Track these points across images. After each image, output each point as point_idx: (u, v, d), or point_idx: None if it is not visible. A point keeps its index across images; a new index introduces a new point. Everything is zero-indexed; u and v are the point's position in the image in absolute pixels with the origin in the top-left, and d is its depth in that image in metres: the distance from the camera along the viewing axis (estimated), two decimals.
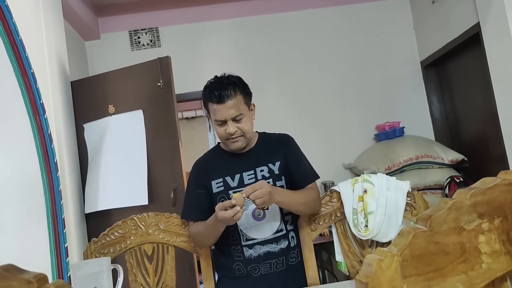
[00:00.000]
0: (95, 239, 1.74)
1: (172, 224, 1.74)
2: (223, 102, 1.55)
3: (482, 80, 3.19)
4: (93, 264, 1.39)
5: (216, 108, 1.57)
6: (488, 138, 3.34)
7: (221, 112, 1.56)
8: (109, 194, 2.64)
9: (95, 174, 2.72)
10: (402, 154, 3.45)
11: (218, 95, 1.56)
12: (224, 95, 1.55)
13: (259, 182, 1.47)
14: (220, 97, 1.55)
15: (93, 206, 2.68)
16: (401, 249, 0.55)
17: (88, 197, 2.70)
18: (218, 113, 1.57)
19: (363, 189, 1.63)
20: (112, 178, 2.67)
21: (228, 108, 1.56)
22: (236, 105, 1.57)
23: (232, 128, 1.57)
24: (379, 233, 1.59)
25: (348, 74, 4.04)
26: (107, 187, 2.66)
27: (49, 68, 2.38)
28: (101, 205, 2.64)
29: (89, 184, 2.72)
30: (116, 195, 2.63)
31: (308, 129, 3.89)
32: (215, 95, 1.56)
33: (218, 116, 1.58)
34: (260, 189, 1.42)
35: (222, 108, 1.56)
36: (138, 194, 2.57)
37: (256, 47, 4.01)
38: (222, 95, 1.55)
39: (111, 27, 3.93)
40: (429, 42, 3.85)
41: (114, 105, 2.78)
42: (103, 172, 2.70)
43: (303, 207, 1.60)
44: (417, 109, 4.03)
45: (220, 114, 1.57)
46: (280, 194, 1.52)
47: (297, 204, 1.57)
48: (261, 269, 1.60)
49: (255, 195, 1.40)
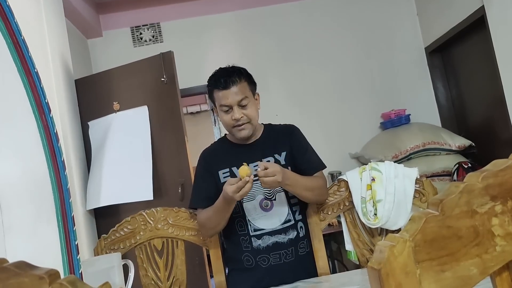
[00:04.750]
0: (105, 235, 1.74)
1: (181, 219, 1.74)
2: (229, 87, 1.58)
3: (488, 64, 3.15)
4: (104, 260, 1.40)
5: (222, 94, 1.60)
6: (495, 122, 3.31)
7: (227, 98, 1.59)
8: (113, 190, 2.62)
9: (98, 170, 2.70)
10: (409, 142, 3.43)
11: (224, 81, 1.59)
12: (229, 81, 1.59)
13: (272, 163, 1.51)
14: (225, 83, 1.58)
15: (95, 202, 2.65)
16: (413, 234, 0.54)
17: (90, 192, 2.68)
18: (224, 99, 1.59)
19: (371, 178, 1.62)
20: (116, 174, 2.65)
21: (234, 93, 1.58)
22: (241, 91, 1.60)
23: (238, 114, 1.59)
24: (388, 221, 1.58)
25: (351, 63, 4.01)
26: (110, 182, 2.64)
27: (52, 67, 2.39)
28: (103, 200, 2.62)
29: (92, 180, 2.71)
30: (120, 190, 2.62)
31: (313, 120, 3.87)
32: (220, 82, 1.59)
33: (223, 102, 1.60)
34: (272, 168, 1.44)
35: (228, 94, 1.59)
36: (143, 189, 2.56)
37: (258, 40, 3.99)
38: (227, 81, 1.59)
39: (112, 24, 3.92)
40: (433, 27, 3.81)
41: (119, 102, 2.78)
42: (107, 168, 2.68)
43: (310, 193, 1.60)
44: (423, 96, 4.00)
45: (226, 100, 1.59)
46: (288, 176, 1.53)
47: (303, 189, 1.57)
48: (270, 260, 1.60)
49: (265, 172, 1.42)
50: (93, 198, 2.65)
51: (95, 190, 2.65)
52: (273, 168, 1.44)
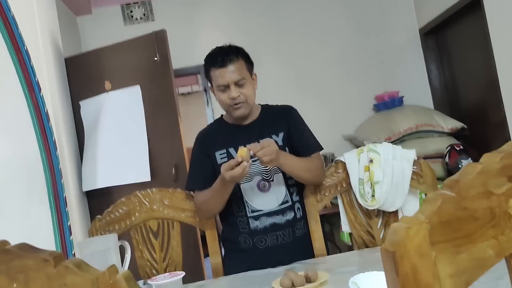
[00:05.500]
0: (100, 216, 1.72)
1: (177, 199, 1.72)
2: (226, 66, 1.56)
3: (482, 46, 3.14)
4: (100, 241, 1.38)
5: (219, 72, 1.57)
6: (488, 105, 3.31)
7: (224, 76, 1.57)
8: (109, 171, 2.61)
9: (93, 152, 2.68)
10: (402, 124, 3.43)
11: (221, 59, 1.57)
12: (226, 59, 1.57)
13: (267, 139, 1.49)
14: (222, 61, 1.56)
15: (92, 184, 2.64)
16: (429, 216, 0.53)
17: (86, 174, 2.67)
18: (221, 77, 1.57)
19: (368, 159, 1.62)
20: (112, 155, 2.64)
21: (231, 72, 1.57)
22: (238, 69, 1.58)
23: (235, 92, 1.57)
24: (386, 203, 1.58)
25: (345, 43, 3.97)
26: (106, 164, 2.63)
27: (42, 45, 2.33)
28: (100, 182, 2.61)
29: (86, 162, 2.69)
30: (117, 172, 2.61)
31: (307, 100, 3.83)
32: (217, 60, 1.57)
33: (220, 80, 1.58)
34: (268, 147, 1.43)
35: (225, 72, 1.57)
36: (140, 171, 2.55)
37: (252, 19, 3.93)
38: (224, 59, 1.57)
39: (102, 1, 3.82)
40: (428, 8, 3.77)
41: (110, 81, 2.73)
42: (102, 149, 2.66)
43: (307, 173, 1.60)
44: (416, 78, 3.99)
45: (223, 79, 1.57)
46: (285, 156, 1.54)
47: (300, 169, 1.57)
48: (268, 241, 1.60)
49: (263, 152, 1.41)
50: (90, 180, 2.63)
51: (91, 171, 2.63)
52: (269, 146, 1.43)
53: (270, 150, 1.42)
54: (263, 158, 1.41)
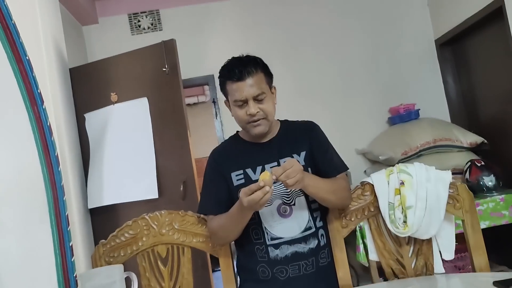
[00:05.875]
0: (104, 241, 1.58)
1: (188, 223, 1.58)
2: (244, 79, 1.42)
3: (504, 56, 3.01)
4: (105, 274, 1.24)
5: (236, 86, 1.44)
6: (509, 118, 3.17)
7: (242, 91, 1.43)
8: (116, 188, 2.49)
9: (99, 167, 2.57)
10: (419, 138, 3.29)
11: (238, 71, 1.43)
12: (244, 71, 1.42)
13: (289, 160, 1.32)
14: (240, 74, 1.42)
15: (98, 201, 2.53)
16: None
17: (92, 191, 2.56)
18: (238, 92, 1.43)
19: (399, 181, 1.47)
20: (118, 171, 2.52)
21: (249, 86, 1.43)
22: (257, 83, 1.44)
23: (253, 108, 1.43)
24: (420, 229, 1.43)
25: (358, 54, 3.85)
26: (112, 180, 2.51)
27: (45, 55, 2.22)
28: (107, 199, 2.50)
29: (92, 177, 2.58)
30: (123, 188, 2.49)
31: (318, 114, 3.67)
32: (235, 72, 1.43)
33: (238, 95, 1.44)
34: (291, 167, 1.27)
35: (243, 86, 1.43)
36: (147, 187, 2.43)
37: (262, 29, 3.81)
38: (242, 72, 1.42)
39: (109, 10, 3.73)
40: (445, 19, 3.65)
41: (117, 93, 2.61)
42: (108, 164, 2.55)
43: (332, 196, 1.45)
44: (431, 90, 3.85)
45: (241, 93, 1.43)
46: (309, 177, 1.39)
47: (325, 191, 1.42)
48: (289, 271, 1.45)
49: (286, 174, 1.26)
50: (95, 197, 2.52)
51: (96, 188, 2.51)
52: (292, 167, 1.28)
53: (294, 171, 1.27)
54: (287, 181, 1.26)
